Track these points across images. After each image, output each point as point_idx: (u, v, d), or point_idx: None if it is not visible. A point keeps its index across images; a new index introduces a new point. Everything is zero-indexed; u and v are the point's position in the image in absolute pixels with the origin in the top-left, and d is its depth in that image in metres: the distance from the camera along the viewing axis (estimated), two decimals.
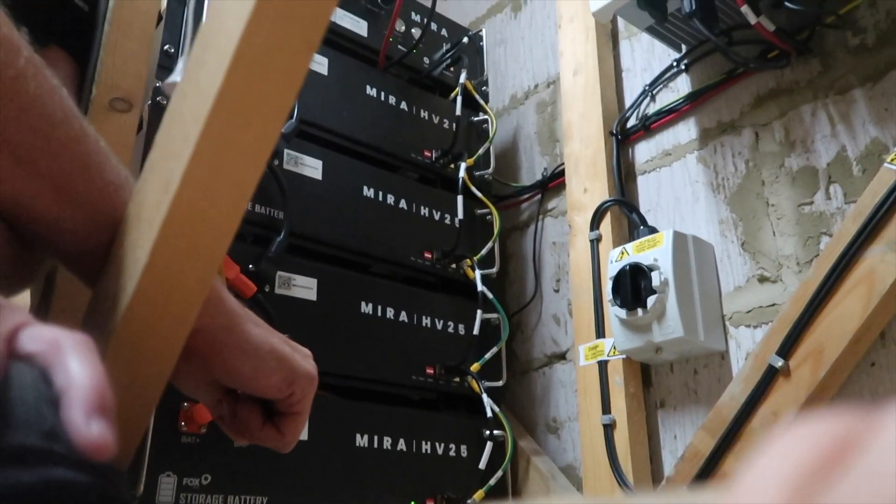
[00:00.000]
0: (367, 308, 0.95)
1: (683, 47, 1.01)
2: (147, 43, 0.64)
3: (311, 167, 0.94)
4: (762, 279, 0.88)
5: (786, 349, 0.78)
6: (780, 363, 0.78)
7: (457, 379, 1.01)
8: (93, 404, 0.25)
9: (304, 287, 0.88)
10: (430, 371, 0.99)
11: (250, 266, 0.82)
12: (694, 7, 0.84)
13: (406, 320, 0.99)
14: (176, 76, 0.76)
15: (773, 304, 0.86)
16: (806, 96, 0.87)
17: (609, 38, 1.15)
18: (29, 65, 0.37)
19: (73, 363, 0.27)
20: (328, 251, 0.95)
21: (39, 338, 0.29)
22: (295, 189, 0.90)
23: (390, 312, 0.97)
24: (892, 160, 0.73)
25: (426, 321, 1.01)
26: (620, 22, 1.15)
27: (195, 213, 0.33)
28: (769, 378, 0.79)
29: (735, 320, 0.89)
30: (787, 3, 0.76)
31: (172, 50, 0.81)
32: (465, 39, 1.19)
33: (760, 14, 0.81)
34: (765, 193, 0.89)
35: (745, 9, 0.80)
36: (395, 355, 0.96)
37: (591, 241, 1.03)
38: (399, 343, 0.97)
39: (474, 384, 1.01)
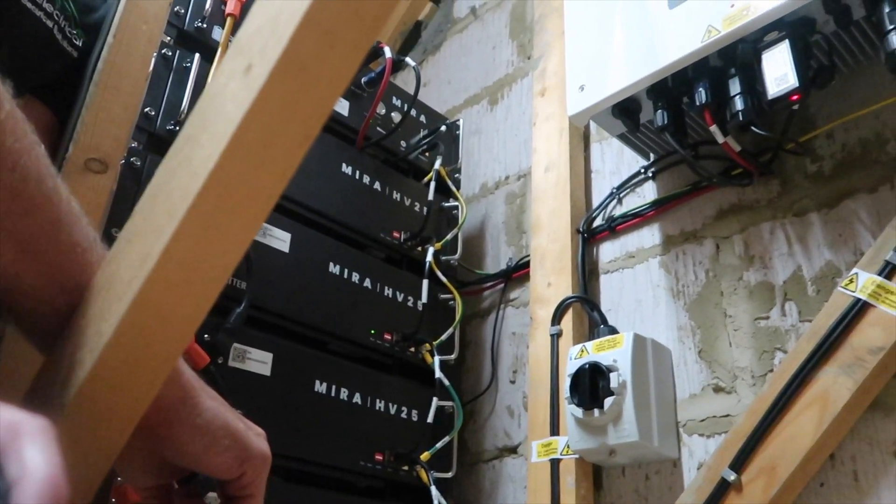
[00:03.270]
0: (320, 387, 0.93)
1: (652, 156, 1.05)
2: (133, 109, 0.64)
3: (279, 239, 0.94)
4: (717, 389, 0.89)
5: (739, 463, 0.78)
6: (732, 477, 0.78)
7: (405, 467, 0.98)
8: (45, 501, 0.23)
9: (259, 361, 0.86)
10: (378, 457, 0.96)
11: (205, 336, 0.80)
12: (666, 121, 0.88)
13: (359, 402, 0.97)
14: None
15: (727, 415, 0.86)
16: (765, 215, 0.91)
17: (581, 140, 1.19)
18: (9, 119, 0.37)
19: (31, 452, 0.25)
20: (287, 325, 0.93)
21: None
22: (260, 260, 0.89)
23: (344, 393, 0.95)
24: (845, 284, 0.76)
25: (380, 405, 0.99)
26: (593, 125, 1.19)
27: (170, 291, 0.32)
28: (721, 491, 0.78)
29: (689, 428, 0.90)
30: (752, 128, 0.80)
31: (153, 112, 0.81)
32: (443, 127, 1.22)
33: (728, 134, 0.85)
34: (723, 304, 0.92)
35: (714, 128, 0.84)
36: (345, 438, 0.93)
37: (552, 335, 1.03)
38: (350, 426, 0.94)
39: (423, 474, 0.98)
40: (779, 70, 0.77)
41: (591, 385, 0.88)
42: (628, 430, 0.85)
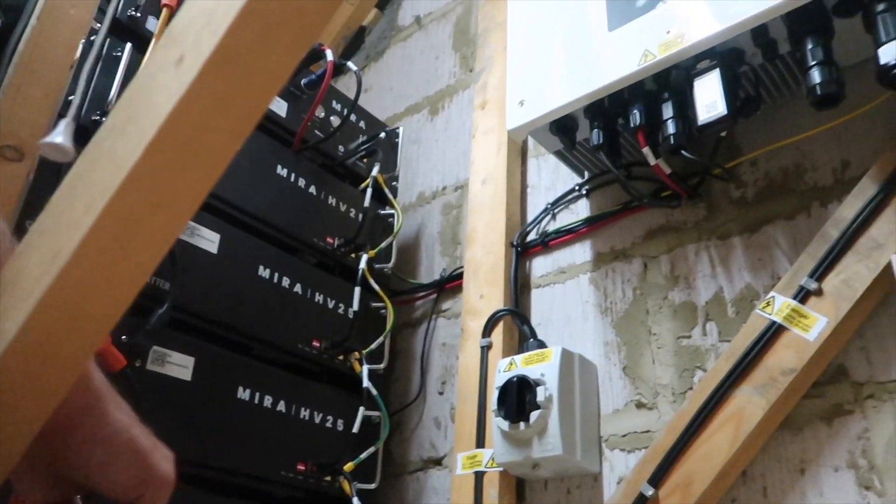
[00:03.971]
0: (243, 394, 0.90)
1: (586, 174, 1.07)
2: (55, 96, 0.61)
3: (208, 239, 0.91)
4: (639, 405, 0.91)
5: (657, 478, 0.79)
6: (650, 492, 0.79)
7: (328, 478, 0.97)
8: None
9: (179, 365, 0.83)
10: (301, 467, 0.94)
11: (123, 337, 0.76)
12: (601, 141, 0.89)
13: (284, 410, 0.94)
14: (57, 136, 0.69)
15: (648, 431, 0.88)
16: (692, 236, 0.94)
17: (519, 155, 1.20)
18: None
19: None
20: (212, 329, 0.90)
21: None
22: (187, 260, 0.86)
23: (268, 400, 0.93)
24: (762, 307, 0.79)
25: (305, 413, 0.97)
26: (531, 141, 1.21)
27: (83, 290, 0.31)
28: None
29: (611, 443, 0.91)
30: (683, 152, 0.83)
31: (77, 101, 0.77)
32: (383, 134, 1.21)
33: (659, 157, 0.87)
34: (648, 322, 0.94)
35: (646, 150, 0.86)
36: (267, 447, 0.91)
37: (482, 347, 1.03)
38: (273, 434, 0.92)
39: (346, 485, 0.97)
40: (709, 97, 0.79)
41: (519, 398, 0.88)
42: (552, 443, 0.86)
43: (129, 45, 0.87)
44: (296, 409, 0.96)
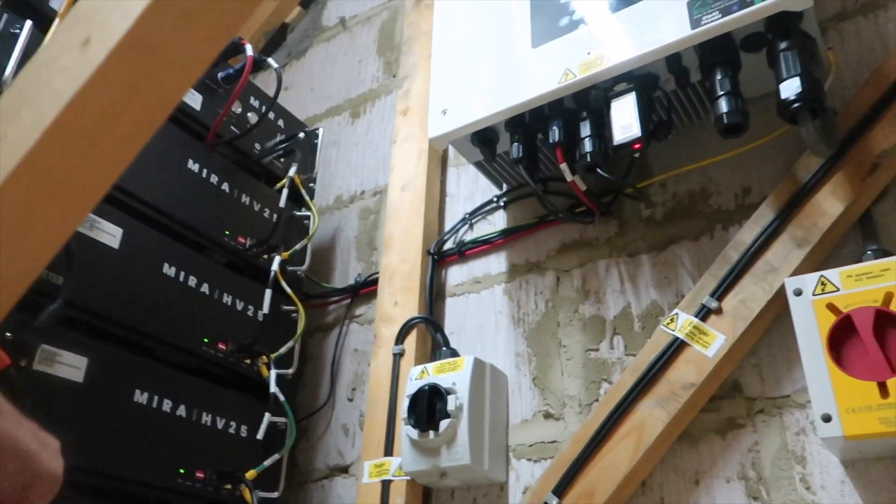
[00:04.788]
0: (141, 397, 0.85)
1: (505, 186, 1.08)
2: None
3: (109, 233, 0.86)
4: (547, 415, 0.92)
5: (561, 488, 0.81)
6: (554, 502, 0.81)
7: (228, 486, 0.93)
8: None
9: (70, 366, 0.78)
10: (199, 475, 0.90)
11: (8, 334, 0.71)
12: (520, 154, 0.91)
13: (184, 415, 0.90)
14: None
15: (554, 441, 0.90)
16: (603, 252, 0.97)
17: (439, 163, 1.21)
18: None
19: None
20: (109, 328, 0.85)
21: None
22: (85, 254, 0.81)
23: (167, 405, 0.88)
24: (666, 323, 0.82)
25: (206, 418, 0.93)
26: (451, 150, 1.22)
27: None
28: None
29: (518, 452, 0.92)
30: (598, 170, 0.85)
31: None
32: (302, 134, 1.19)
33: (576, 173, 0.89)
34: (559, 334, 0.96)
35: (563, 166, 0.88)
36: (164, 454, 0.86)
37: (395, 354, 1.03)
38: (171, 440, 0.88)
39: (247, 494, 0.93)
40: (625, 119, 0.82)
41: (429, 407, 0.88)
42: (461, 453, 0.86)
43: (28, 23, 0.82)
44: (197, 414, 0.92)
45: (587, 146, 0.85)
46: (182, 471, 0.88)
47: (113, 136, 0.28)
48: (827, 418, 0.64)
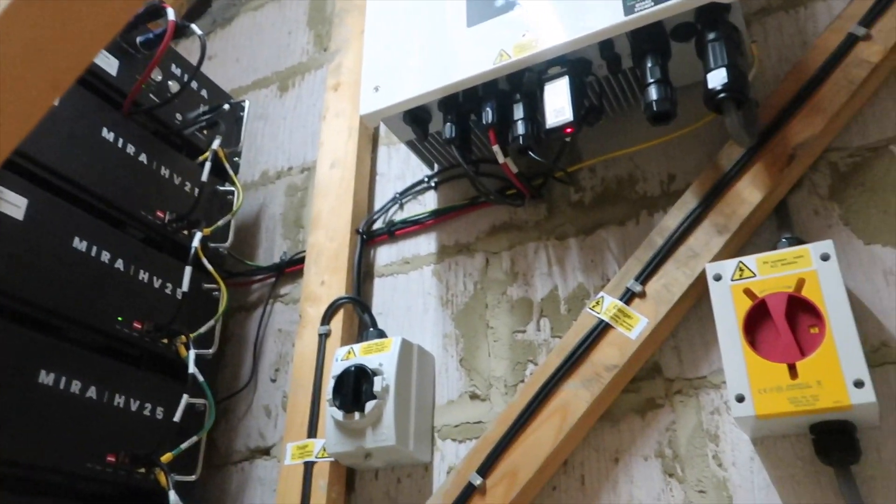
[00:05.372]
0: (46, 378, 0.80)
1: (436, 166, 1.07)
2: None
3: (13, 204, 0.80)
4: (473, 396, 0.93)
5: (485, 468, 0.81)
6: (478, 481, 0.81)
7: (142, 470, 0.89)
8: None
9: None
10: (111, 459, 0.86)
11: None
12: (453, 135, 0.90)
13: (94, 397, 0.86)
14: None
15: (480, 422, 0.90)
16: (532, 235, 0.97)
17: (370, 141, 1.18)
18: None
19: None
20: (10, 305, 0.79)
21: None
22: None
23: (76, 386, 0.84)
24: (592, 306, 0.84)
25: (119, 400, 0.89)
26: (383, 128, 1.19)
27: None
28: (467, 495, 0.82)
29: (443, 433, 0.92)
30: (530, 153, 0.85)
31: None
32: (227, 106, 1.14)
33: (508, 155, 0.89)
34: (486, 316, 0.96)
35: (496, 148, 0.88)
36: (72, 438, 0.82)
37: (321, 335, 1.01)
38: (80, 424, 0.83)
39: (162, 477, 0.90)
40: (557, 102, 0.82)
41: (355, 387, 0.87)
42: (386, 434, 0.85)
43: None
44: (109, 396, 0.88)
45: (520, 129, 0.85)
46: (91, 455, 0.83)
47: (13, 97, 0.25)
48: (740, 398, 0.67)
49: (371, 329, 0.98)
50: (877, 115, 0.81)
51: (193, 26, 1.07)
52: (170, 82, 1.07)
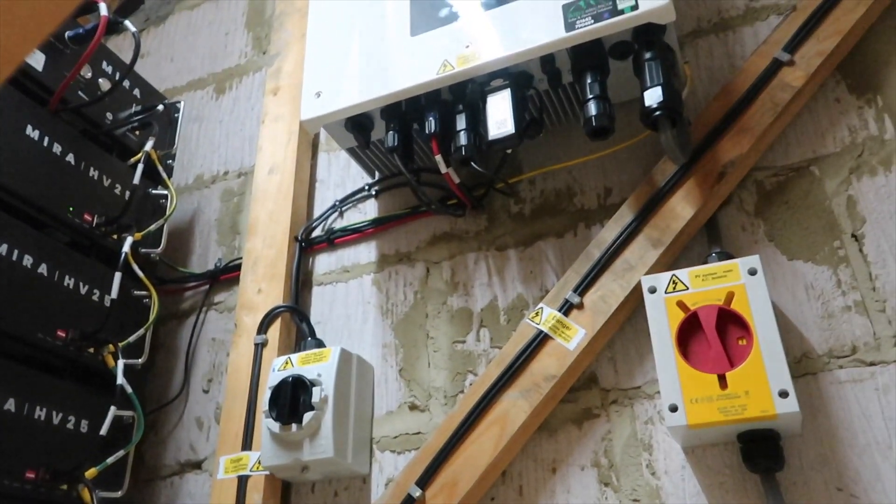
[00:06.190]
0: None
1: (377, 174, 1.07)
2: None
3: None
4: (412, 407, 0.92)
5: (425, 479, 0.81)
6: (417, 493, 0.81)
7: (64, 486, 0.85)
8: None
9: None
10: (30, 475, 0.81)
11: None
12: (395, 143, 0.90)
13: (13, 410, 0.81)
14: None
15: (419, 433, 0.90)
16: (472, 245, 0.98)
17: (310, 147, 1.17)
18: None
19: None
20: None
21: None
22: None
23: None
24: (531, 317, 0.85)
25: (40, 413, 0.84)
26: (323, 134, 1.18)
27: None
28: None
29: (382, 444, 0.92)
30: (472, 164, 0.86)
31: None
32: (160, 107, 1.10)
33: (450, 166, 0.89)
34: (427, 326, 0.96)
35: (438, 158, 0.88)
36: None
37: (257, 344, 0.98)
38: None
39: (86, 494, 0.86)
40: (500, 115, 0.83)
41: (293, 399, 0.85)
42: (324, 445, 0.84)
43: None
44: (29, 408, 0.83)
45: (462, 139, 0.85)
46: (9, 472, 0.79)
47: None
48: (674, 408, 0.69)
49: (309, 339, 0.96)
50: (799, 137, 0.85)
51: (127, 22, 1.03)
52: (100, 80, 1.03)
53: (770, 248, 0.81)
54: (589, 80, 0.81)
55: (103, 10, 0.95)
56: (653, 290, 0.75)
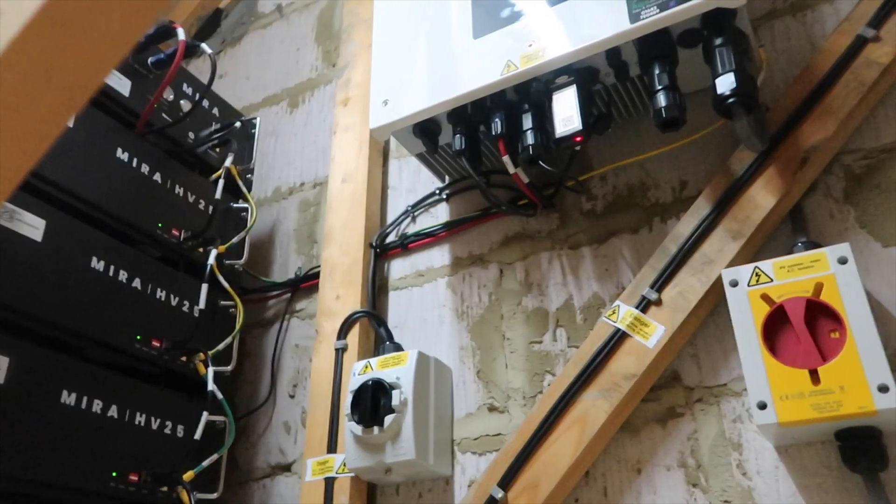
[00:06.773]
0: (68, 398, 0.81)
1: (447, 178, 1.07)
2: None
3: (31, 226, 0.81)
4: (492, 408, 0.92)
5: (506, 481, 0.81)
6: (500, 494, 0.81)
7: (164, 489, 0.90)
8: None
9: None
10: (134, 478, 0.86)
11: None
12: (463, 147, 0.90)
13: (116, 416, 0.86)
14: None
15: (499, 434, 0.90)
16: (545, 245, 0.97)
17: (380, 154, 1.19)
18: None
19: None
20: (32, 326, 0.80)
21: None
22: (4, 248, 0.76)
23: (98, 406, 0.84)
24: (608, 315, 0.83)
25: (140, 419, 0.89)
26: (393, 142, 1.20)
27: None
28: None
29: (463, 446, 0.92)
30: (540, 162, 0.85)
31: None
32: (238, 124, 1.15)
33: (518, 166, 0.89)
34: (502, 327, 0.96)
35: (506, 159, 0.88)
36: (95, 457, 0.82)
37: (337, 349, 1.01)
38: (103, 443, 0.84)
39: (185, 495, 0.90)
40: (566, 112, 0.82)
41: (373, 402, 0.87)
42: (406, 448, 0.85)
43: None
44: (130, 415, 0.88)
45: (529, 139, 0.85)
46: (115, 474, 0.84)
47: (27, 118, 0.26)
48: (762, 406, 0.66)
49: (387, 343, 0.98)
50: (889, 117, 0.81)
51: (204, 45, 1.08)
52: (181, 101, 1.08)
53: (862, 236, 0.77)
54: (657, 71, 0.79)
55: (181, 34, 1.00)
56: (734, 284, 0.73)
